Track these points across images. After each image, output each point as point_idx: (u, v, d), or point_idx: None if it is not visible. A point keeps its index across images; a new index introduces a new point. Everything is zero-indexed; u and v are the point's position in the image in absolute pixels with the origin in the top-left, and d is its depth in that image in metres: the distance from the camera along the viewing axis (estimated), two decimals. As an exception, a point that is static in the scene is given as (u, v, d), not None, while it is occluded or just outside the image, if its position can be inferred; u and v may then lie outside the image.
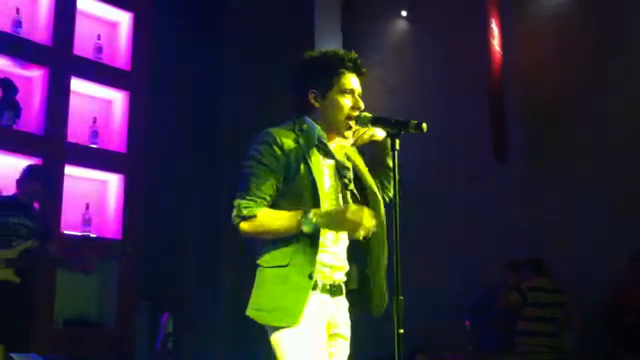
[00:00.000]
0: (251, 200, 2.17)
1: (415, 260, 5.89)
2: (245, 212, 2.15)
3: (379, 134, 2.32)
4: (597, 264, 5.53)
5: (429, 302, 6.06)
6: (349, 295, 2.32)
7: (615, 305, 5.37)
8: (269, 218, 2.14)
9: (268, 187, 2.19)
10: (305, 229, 2.09)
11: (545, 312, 5.25)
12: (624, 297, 5.30)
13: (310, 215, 2.09)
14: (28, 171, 4.70)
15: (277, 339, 2.14)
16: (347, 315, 2.31)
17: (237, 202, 2.18)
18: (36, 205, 4.78)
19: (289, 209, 2.18)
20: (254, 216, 2.14)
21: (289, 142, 2.23)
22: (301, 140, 2.25)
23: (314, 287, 2.18)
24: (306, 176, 2.19)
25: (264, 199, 2.18)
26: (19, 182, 4.65)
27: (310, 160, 2.22)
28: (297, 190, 2.20)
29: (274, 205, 2.22)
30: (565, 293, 5.40)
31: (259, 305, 2.17)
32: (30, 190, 4.62)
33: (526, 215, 6.12)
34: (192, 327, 6.97)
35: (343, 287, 2.29)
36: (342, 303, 2.28)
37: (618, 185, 5.71)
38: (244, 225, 2.15)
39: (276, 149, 2.21)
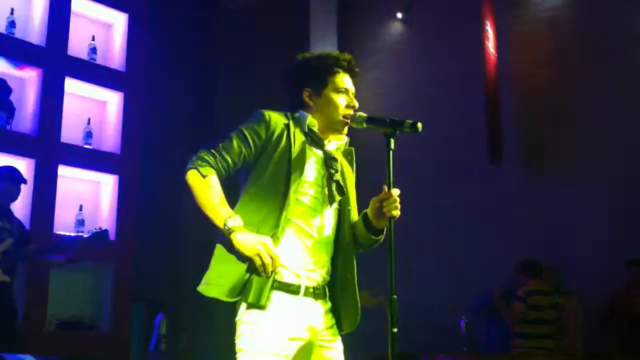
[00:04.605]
0: (211, 155, 2.16)
1: (411, 261, 5.91)
2: (200, 164, 2.14)
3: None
4: (596, 265, 5.54)
5: (424, 303, 6.06)
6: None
7: (613, 307, 5.39)
8: (208, 191, 2.12)
9: (235, 154, 2.19)
10: (226, 229, 2.08)
11: (542, 314, 5.25)
12: (622, 300, 5.32)
13: (234, 223, 2.07)
14: (3, 173, 4.60)
15: (241, 318, 2.13)
16: (331, 317, 2.25)
17: (200, 151, 2.18)
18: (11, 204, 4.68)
19: (260, 188, 2.18)
20: (204, 176, 2.13)
21: (278, 122, 2.25)
22: (291, 125, 2.26)
23: (297, 292, 2.15)
24: (285, 159, 2.19)
25: (225, 160, 2.17)
26: None
27: (294, 145, 2.22)
28: (273, 170, 2.19)
29: (252, 181, 2.21)
30: (564, 295, 5.40)
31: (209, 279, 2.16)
32: (7, 192, 4.54)
33: (522, 216, 6.13)
34: (187, 328, 6.95)
35: (326, 289, 2.25)
36: (325, 307, 2.24)
37: (616, 186, 5.72)
38: (191, 176, 2.14)
39: (262, 126, 2.22)
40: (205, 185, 2.13)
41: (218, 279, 2.13)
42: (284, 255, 2.14)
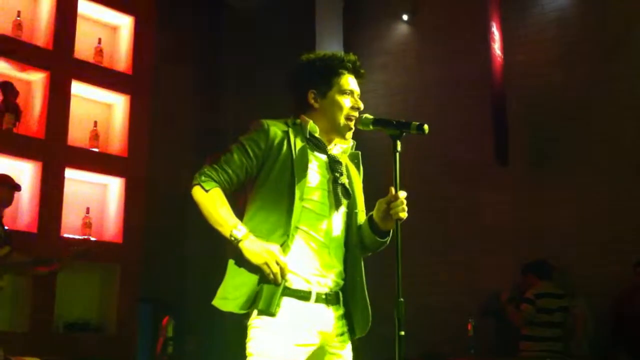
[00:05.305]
0: (214, 170, 2.18)
1: (417, 264, 5.90)
2: (204, 180, 2.16)
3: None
4: (598, 267, 5.52)
5: (431, 306, 6.04)
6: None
7: (618, 309, 5.36)
8: (212, 205, 2.14)
9: (237, 166, 2.20)
10: (233, 239, 2.10)
11: (551, 317, 5.20)
12: (628, 301, 5.28)
13: (240, 233, 2.10)
14: None
15: (253, 324, 2.13)
16: (343, 323, 2.23)
17: (203, 167, 2.21)
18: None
19: (265, 198, 2.19)
20: (207, 190, 2.15)
21: (277, 131, 2.24)
22: (291, 132, 2.25)
23: (307, 298, 2.15)
24: (287, 166, 2.19)
25: (227, 173, 2.19)
26: None
27: (295, 151, 2.21)
28: (276, 178, 2.19)
29: (257, 192, 2.22)
30: (572, 297, 5.37)
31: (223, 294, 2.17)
32: (0, 199, 4.56)
33: (527, 217, 6.11)
34: (193, 330, 6.95)
35: (340, 295, 2.24)
36: (337, 312, 2.22)
37: (619, 187, 5.71)
38: (195, 192, 2.17)
39: (261, 136, 2.22)
40: (209, 199, 2.15)
41: (233, 292, 2.13)
42: (293, 262, 2.14)
